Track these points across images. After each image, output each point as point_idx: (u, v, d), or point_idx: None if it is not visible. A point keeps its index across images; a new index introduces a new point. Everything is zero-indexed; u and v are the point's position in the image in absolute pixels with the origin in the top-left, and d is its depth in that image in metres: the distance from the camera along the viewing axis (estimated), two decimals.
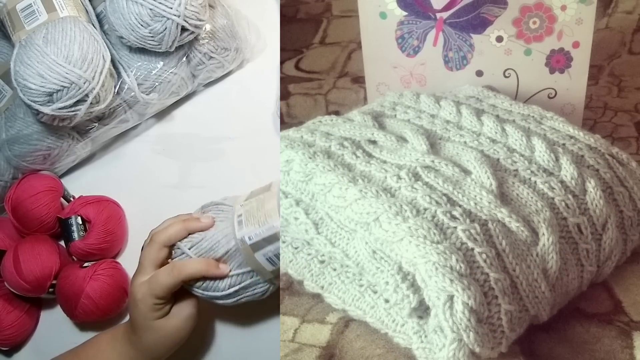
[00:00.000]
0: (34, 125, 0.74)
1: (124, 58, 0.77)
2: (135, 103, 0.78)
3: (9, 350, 0.76)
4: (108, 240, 0.74)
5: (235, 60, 0.83)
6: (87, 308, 0.70)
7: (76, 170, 0.82)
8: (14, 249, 0.72)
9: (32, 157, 0.76)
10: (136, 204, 0.79)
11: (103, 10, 0.76)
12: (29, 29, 0.70)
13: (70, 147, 0.77)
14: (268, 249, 0.60)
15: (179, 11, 0.72)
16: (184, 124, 0.84)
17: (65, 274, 0.72)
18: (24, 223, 0.75)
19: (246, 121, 0.82)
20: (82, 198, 0.76)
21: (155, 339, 0.62)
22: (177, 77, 0.79)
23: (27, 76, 0.67)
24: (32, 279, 0.71)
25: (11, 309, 0.74)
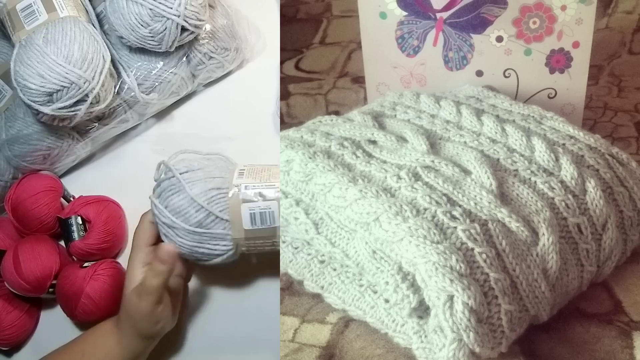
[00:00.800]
0: (34, 125, 0.74)
1: (124, 58, 0.77)
2: (135, 103, 0.78)
3: (9, 350, 0.76)
4: (108, 240, 0.74)
5: (235, 60, 0.83)
6: (87, 308, 0.70)
7: (76, 170, 0.82)
8: (14, 249, 0.72)
9: (32, 157, 0.76)
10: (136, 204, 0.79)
11: (103, 10, 0.76)
12: (29, 29, 0.70)
13: (70, 147, 0.77)
14: (256, 205, 0.61)
15: (179, 11, 0.72)
16: (184, 124, 0.83)
17: (65, 274, 0.72)
18: (24, 223, 0.75)
19: (246, 121, 0.82)
20: (82, 198, 0.76)
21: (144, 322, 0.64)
22: (177, 77, 0.79)
23: (27, 76, 0.67)
24: (32, 279, 0.71)
25: (11, 309, 0.74)
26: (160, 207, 0.62)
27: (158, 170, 0.66)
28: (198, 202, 0.61)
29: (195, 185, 0.62)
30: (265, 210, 0.62)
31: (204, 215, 0.62)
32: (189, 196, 0.62)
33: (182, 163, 0.65)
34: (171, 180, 0.63)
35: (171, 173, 0.63)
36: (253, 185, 0.62)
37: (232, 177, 0.64)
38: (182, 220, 0.62)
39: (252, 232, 0.62)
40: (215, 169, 0.65)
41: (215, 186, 0.62)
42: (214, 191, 0.62)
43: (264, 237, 0.63)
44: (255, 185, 0.62)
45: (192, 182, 0.63)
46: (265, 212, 0.62)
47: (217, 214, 0.62)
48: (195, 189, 0.62)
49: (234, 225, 0.62)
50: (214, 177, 0.63)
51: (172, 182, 0.63)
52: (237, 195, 0.62)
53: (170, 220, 0.62)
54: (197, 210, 0.62)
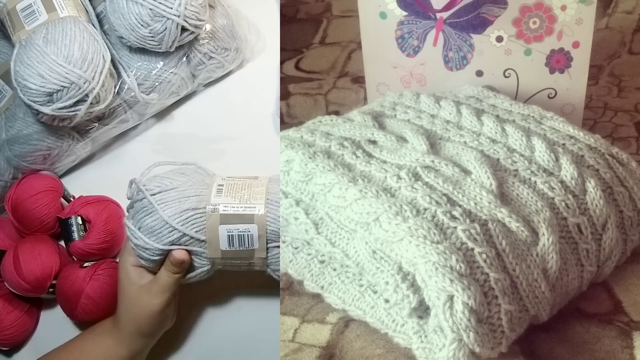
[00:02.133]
0: (34, 125, 0.74)
1: (124, 58, 0.77)
2: (135, 103, 0.78)
3: (9, 350, 0.76)
4: (108, 240, 0.74)
5: (235, 60, 0.83)
6: (87, 308, 0.70)
7: (76, 170, 0.82)
8: (14, 249, 0.72)
9: (32, 157, 0.76)
10: None
11: (103, 10, 0.76)
12: (29, 29, 0.70)
13: (70, 147, 0.77)
14: (235, 227, 0.59)
15: (179, 11, 0.72)
16: (184, 124, 0.83)
17: (65, 274, 0.72)
18: (24, 223, 0.75)
19: (246, 121, 0.82)
20: (82, 198, 0.76)
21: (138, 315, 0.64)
22: (177, 77, 0.79)
23: (27, 76, 0.67)
24: (32, 279, 0.71)
25: (11, 309, 0.74)
26: (133, 229, 0.61)
27: (130, 189, 0.64)
28: (171, 225, 0.59)
29: (168, 207, 0.60)
30: (245, 233, 0.59)
31: (178, 236, 0.60)
32: (161, 218, 0.59)
33: (155, 182, 0.62)
34: (143, 201, 0.61)
35: (142, 194, 0.61)
36: (232, 206, 0.59)
37: (209, 193, 0.61)
38: (155, 240, 0.60)
39: (229, 253, 0.61)
40: (190, 186, 0.62)
41: (190, 206, 0.60)
42: (189, 212, 0.60)
43: (241, 258, 0.62)
44: (234, 206, 0.59)
45: (165, 203, 0.60)
46: (244, 234, 0.60)
47: (193, 235, 0.60)
48: (169, 210, 0.60)
49: (211, 245, 0.60)
50: (188, 197, 0.60)
51: (144, 204, 0.61)
52: (215, 215, 0.59)
53: (143, 241, 0.60)
54: (170, 231, 0.60)
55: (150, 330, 0.65)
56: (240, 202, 0.60)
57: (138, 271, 0.64)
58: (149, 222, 0.60)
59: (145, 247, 0.60)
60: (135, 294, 0.63)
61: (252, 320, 0.73)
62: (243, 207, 0.59)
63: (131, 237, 0.61)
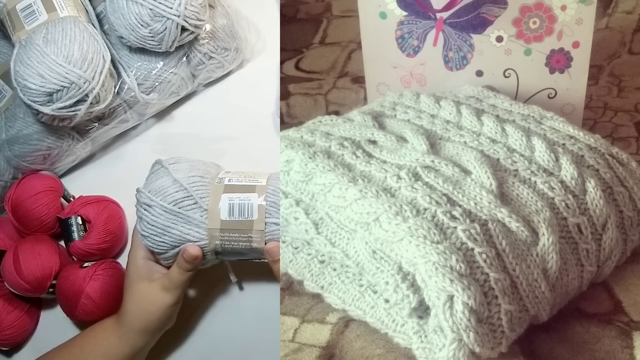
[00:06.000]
0: (34, 125, 0.74)
1: (124, 58, 0.77)
2: (135, 103, 0.78)
3: (9, 350, 0.76)
4: (108, 240, 0.74)
5: (235, 60, 0.83)
6: (87, 308, 0.70)
7: (76, 170, 0.82)
8: (14, 249, 0.72)
9: (32, 157, 0.76)
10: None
11: (103, 10, 0.76)
12: (29, 29, 0.70)
13: (70, 147, 0.77)
14: (237, 196, 0.63)
15: (179, 11, 0.72)
16: (184, 124, 0.83)
17: (65, 274, 0.72)
18: (24, 223, 0.75)
19: (246, 121, 0.82)
20: (82, 198, 0.76)
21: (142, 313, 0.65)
22: (177, 77, 0.79)
23: (27, 76, 0.67)
24: (32, 279, 0.71)
25: (11, 309, 0.74)
26: (142, 191, 0.65)
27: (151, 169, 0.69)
28: (180, 183, 0.63)
29: (179, 171, 0.65)
30: (245, 201, 0.63)
31: (183, 196, 0.63)
32: (172, 178, 0.64)
33: (173, 159, 0.68)
34: (158, 169, 0.66)
35: (159, 165, 0.66)
36: (237, 179, 0.64)
37: (217, 172, 0.67)
38: (160, 198, 0.63)
39: (228, 224, 0.63)
40: (203, 164, 0.68)
41: (198, 174, 0.65)
42: (196, 177, 0.65)
43: (239, 231, 0.63)
44: (239, 178, 0.64)
45: (177, 169, 0.65)
46: (244, 203, 0.63)
47: (196, 199, 0.63)
48: (179, 173, 0.65)
49: (211, 215, 0.63)
50: (199, 168, 0.66)
51: (158, 169, 0.66)
52: (219, 183, 0.64)
53: (148, 199, 0.64)
54: (176, 190, 0.63)
55: (157, 327, 0.66)
56: (246, 177, 0.65)
57: (148, 266, 0.65)
58: (158, 183, 0.65)
59: (149, 205, 0.64)
60: (147, 289, 0.64)
61: (252, 320, 0.73)
62: (247, 179, 0.64)
63: (138, 198, 0.65)
